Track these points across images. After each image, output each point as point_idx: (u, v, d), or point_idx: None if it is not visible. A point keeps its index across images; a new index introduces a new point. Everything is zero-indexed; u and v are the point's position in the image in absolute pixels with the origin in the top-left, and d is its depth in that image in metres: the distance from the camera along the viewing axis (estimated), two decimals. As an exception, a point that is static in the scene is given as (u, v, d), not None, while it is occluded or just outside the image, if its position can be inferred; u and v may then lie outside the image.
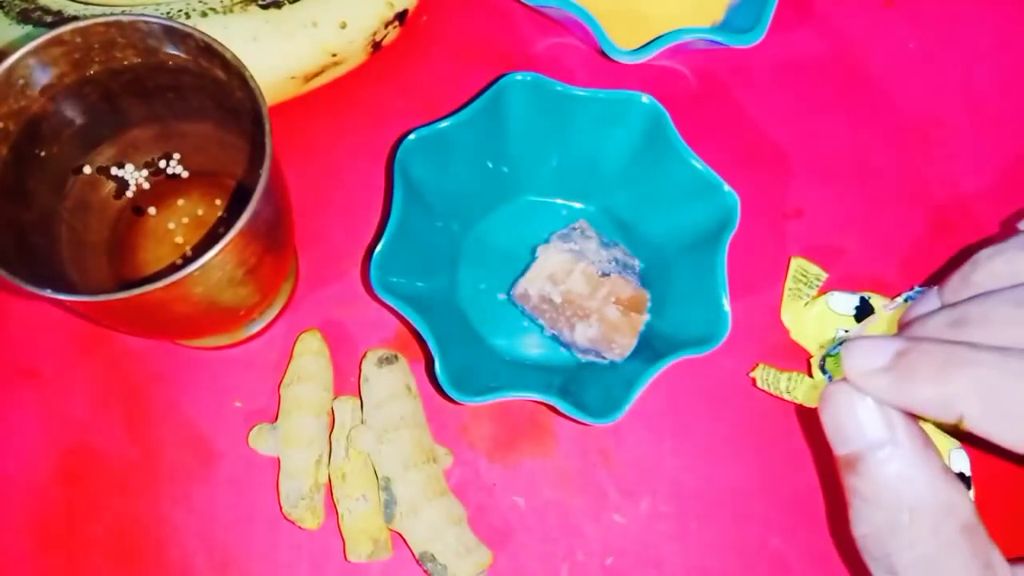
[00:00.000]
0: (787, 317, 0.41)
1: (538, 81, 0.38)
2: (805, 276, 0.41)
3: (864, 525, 0.23)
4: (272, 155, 0.29)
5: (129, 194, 0.38)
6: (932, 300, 0.27)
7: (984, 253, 0.26)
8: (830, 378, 0.39)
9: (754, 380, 0.40)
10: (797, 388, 0.39)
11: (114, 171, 0.37)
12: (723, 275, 0.36)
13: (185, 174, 0.38)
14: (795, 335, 0.41)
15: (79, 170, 0.36)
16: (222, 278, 0.30)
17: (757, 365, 0.40)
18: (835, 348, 0.39)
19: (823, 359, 0.39)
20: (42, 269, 0.33)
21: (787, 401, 0.40)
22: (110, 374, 0.40)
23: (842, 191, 0.44)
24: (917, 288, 0.39)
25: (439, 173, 0.39)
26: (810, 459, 0.40)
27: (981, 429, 0.22)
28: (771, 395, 0.40)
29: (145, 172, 0.38)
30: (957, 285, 0.26)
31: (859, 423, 0.23)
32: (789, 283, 0.41)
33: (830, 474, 0.40)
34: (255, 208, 0.29)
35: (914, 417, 0.24)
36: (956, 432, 0.39)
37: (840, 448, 0.23)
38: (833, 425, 0.23)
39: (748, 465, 0.40)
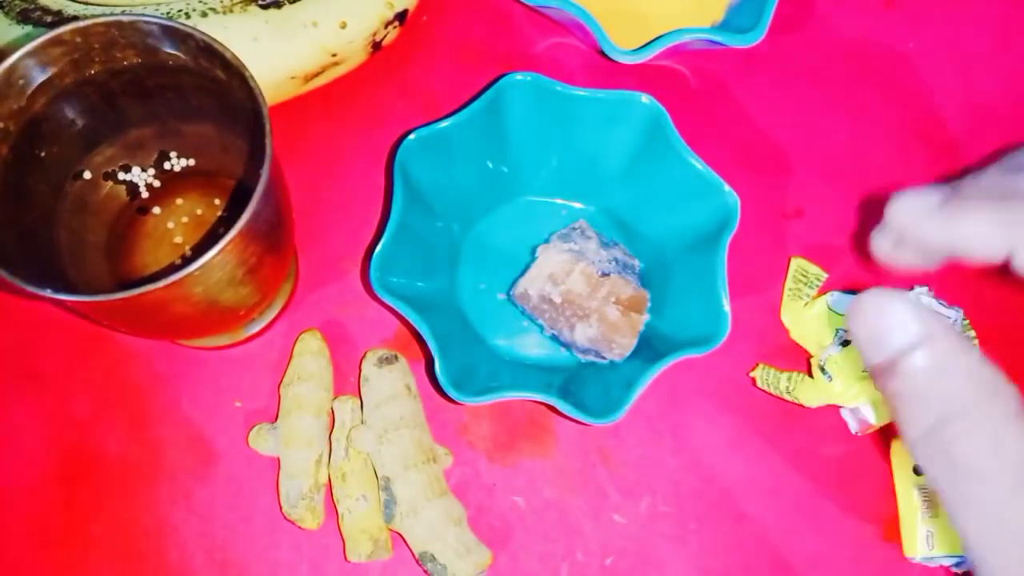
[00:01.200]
0: (787, 317, 0.41)
1: (538, 81, 0.38)
2: (805, 276, 0.41)
3: (914, 427, 0.22)
4: (272, 155, 0.29)
5: (144, 194, 0.38)
6: (938, 192, 0.26)
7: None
8: (830, 378, 0.39)
9: (754, 380, 0.40)
10: (797, 388, 0.39)
11: (122, 176, 0.37)
12: (723, 275, 0.36)
13: (191, 162, 0.37)
14: (795, 335, 0.41)
15: (79, 176, 0.36)
16: (222, 278, 0.30)
17: (757, 365, 0.40)
18: (835, 348, 0.39)
19: (823, 359, 0.39)
20: (42, 269, 0.33)
21: (787, 401, 0.40)
22: (111, 374, 0.40)
23: (842, 191, 0.44)
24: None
25: (439, 173, 0.39)
26: (810, 459, 0.40)
27: None
28: (771, 395, 0.40)
29: (152, 171, 0.38)
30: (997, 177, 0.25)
31: (894, 324, 0.22)
32: (789, 283, 0.41)
33: (829, 473, 0.40)
34: (255, 208, 0.29)
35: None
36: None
37: (875, 356, 0.23)
38: (866, 333, 0.22)
39: (748, 465, 0.40)
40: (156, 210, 0.38)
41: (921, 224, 0.23)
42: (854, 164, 0.44)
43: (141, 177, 0.38)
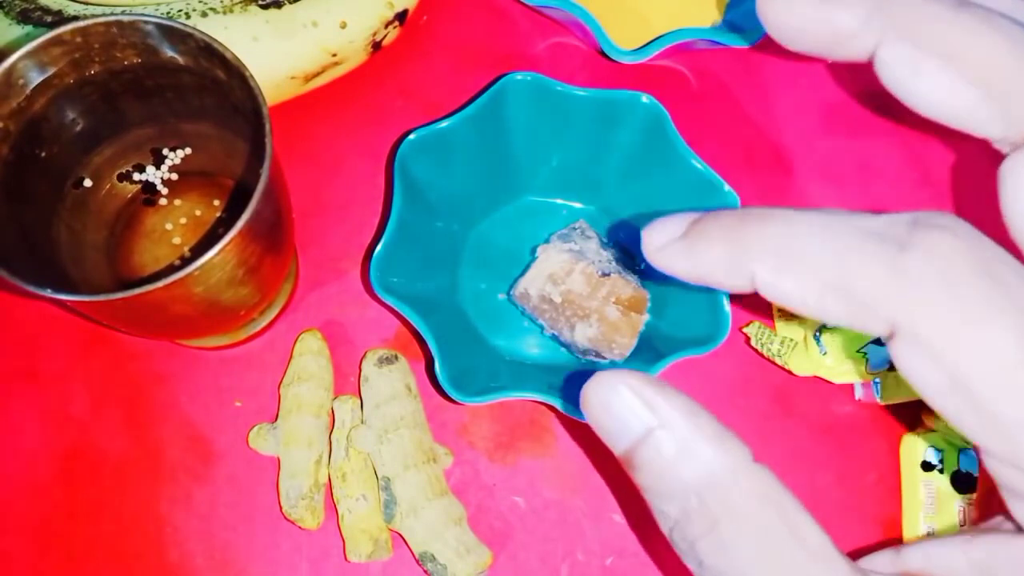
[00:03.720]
0: (793, 363, 0.40)
1: (538, 81, 0.38)
2: None
3: (665, 522, 0.21)
4: (272, 155, 0.29)
5: (164, 191, 0.38)
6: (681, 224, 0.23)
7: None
8: (824, 351, 0.39)
9: (747, 337, 0.40)
10: (788, 354, 0.39)
11: (136, 176, 0.37)
12: (723, 275, 0.36)
13: (189, 150, 0.37)
14: (802, 369, 0.40)
15: (79, 183, 0.36)
16: (222, 278, 0.30)
17: (751, 322, 0.40)
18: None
19: (819, 329, 0.39)
20: (42, 269, 0.33)
21: (776, 365, 0.39)
22: (110, 374, 0.40)
23: (842, 191, 0.44)
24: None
25: (439, 173, 0.39)
26: (810, 459, 0.40)
27: (773, 289, 0.20)
28: (762, 355, 0.40)
29: (166, 166, 0.38)
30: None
31: (620, 416, 0.20)
32: (777, 304, 0.41)
33: (829, 473, 0.40)
34: (255, 208, 0.29)
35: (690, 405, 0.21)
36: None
37: (616, 448, 0.21)
38: (599, 426, 0.21)
39: (748, 465, 0.39)
40: (162, 201, 0.38)
41: (665, 257, 0.22)
42: (854, 164, 0.44)
43: (156, 176, 0.38)
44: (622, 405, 0.20)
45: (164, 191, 0.38)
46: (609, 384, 0.20)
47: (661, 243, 0.22)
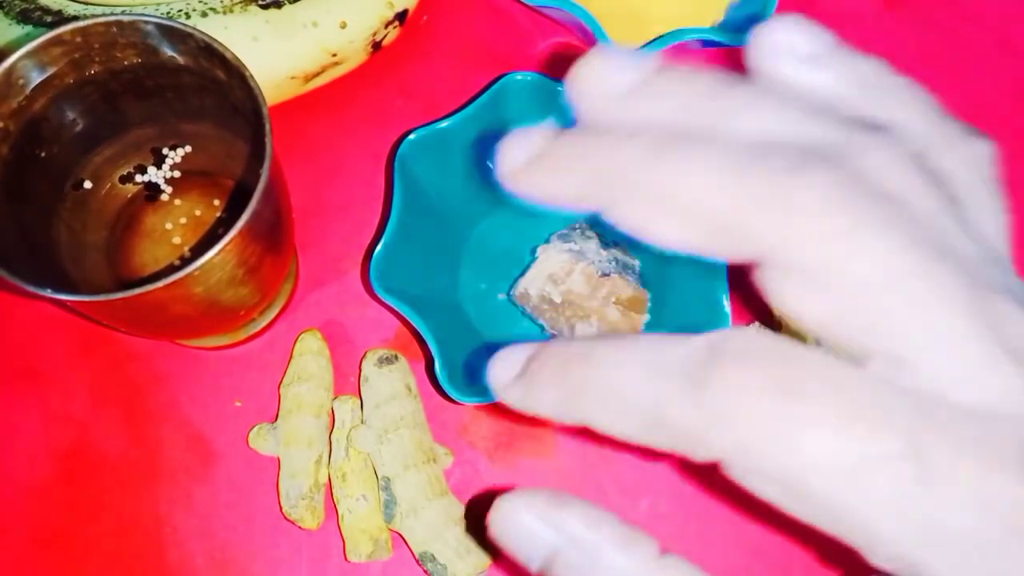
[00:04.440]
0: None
1: (538, 81, 0.38)
2: None
3: None
4: (272, 155, 0.29)
5: (168, 189, 0.38)
6: (637, 68, 0.21)
7: (724, 77, 0.21)
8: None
9: None
10: None
11: (139, 178, 0.37)
12: (723, 275, 0.36)
13: (189, 149, 0.37)
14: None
15: (79, 185, 0.36)
16: (222, 278, 0.30)
17: (751, 323, 0.40)
18: None
19: None
20: (42, 269, 0.33)
21: None
22: (110, 374, 0.40)
23: (842, 191, 0.44)
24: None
25: (439, 173, 0.39)
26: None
27: (603, 429, 0.20)
28: None
29: (167, 165, 0.38)
30: (672, 81, 0.21)
31: (528, 540, 0.20)
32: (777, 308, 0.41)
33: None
34: (255, 208, 0.29)
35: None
36: None
37: (530, 568, 0.21)
38: (511, 551, 0.21)
39: (748, 465, 0.39)
40: (164, 197, 0.38)
41: (507, 397, 0.22)
42: (854, 164, 0.44)
43: (159, 176, 0.38)
44: (527, 529, 0.20)
45: (169, 189, 0.38)
46: (511, 510, 0.20)
47: (502, 382, 0.22)
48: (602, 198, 0.20)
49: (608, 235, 0.41)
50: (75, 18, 0.40)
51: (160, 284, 0.27)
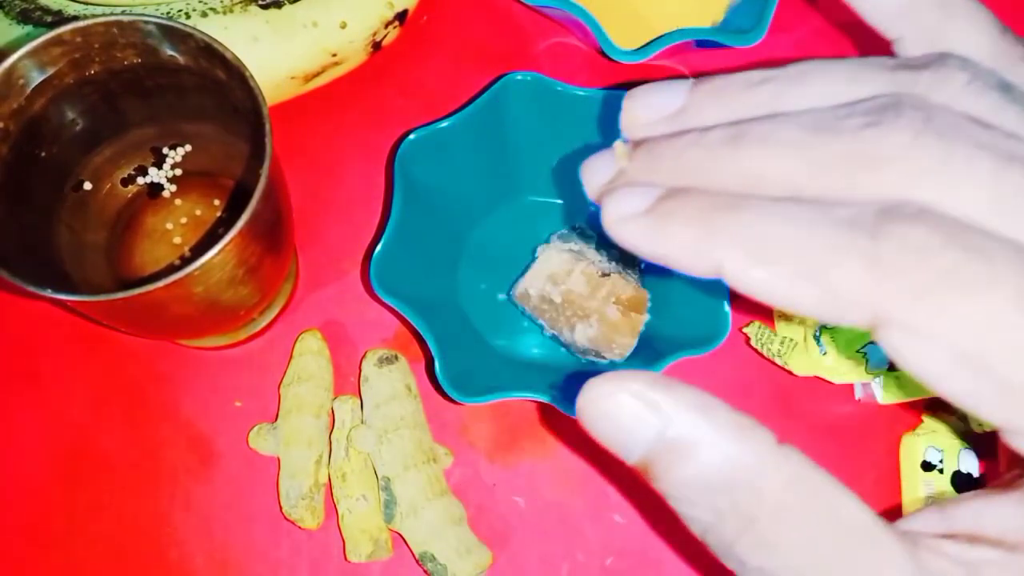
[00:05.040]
0: (793, 363, 0.40)
1: (538, 81, 0.38)
2: None
3: (696, 527, 0.20)
4: (272, 155, 0.29)
5: (172, 188, 0.38)
6: (675, 92, 0.22)
7: (752, 75, 0.22)
8: (824, 351, 0.39)
9: (747, 337, 0.40)
10: (788, 353, 0.39)
11: (140, 180, 0.37)
12: (723, 275, 0.36)
13: (189, 148, 0.38)
14: (803, 369, 0.40)
15: (79, 187, 0.36)
16: (222, 278, 0.30)
17: (751, 322, 0.40)
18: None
19: (819, 329, 0.39)
20: (42, 269, 0.33)
21: (777, 366, 0.40)
22: (110, 374, 0.40)
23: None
24: (689, 79, 0.39)
25: (439, 173, 0.39)
26: (811, 458, 0.40)
27: (740, 281, 0.18)
28: (762, 356, 0.40)
29: (168, 164, 0.38)
30: (713, 93, 0.22)
31: (626, 425, 0.19)
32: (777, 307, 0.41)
33: (831, 473, 0.39)
34: (255, 208, 0.29)
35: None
36: (966, 432, 0.39)
37: (628, 460, 0.20)
38: (603, 439, 0.20)
39: (748, 465, 0.39)
40: (166, 194, 0.38)
41: (626, 230, 0.20)
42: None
43: (161, 175, 0.38)
44: (625, 413, 0.19)
45: (172, 188, 0.38)
46: (607, 392, 0.19)
47: (622, 214, 0.20)
48: (707, 238, 0.19)
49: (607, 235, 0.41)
50: (75, 18, 0.40)
51: (160, 284, 0.27)
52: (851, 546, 0.18)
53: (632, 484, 0.39)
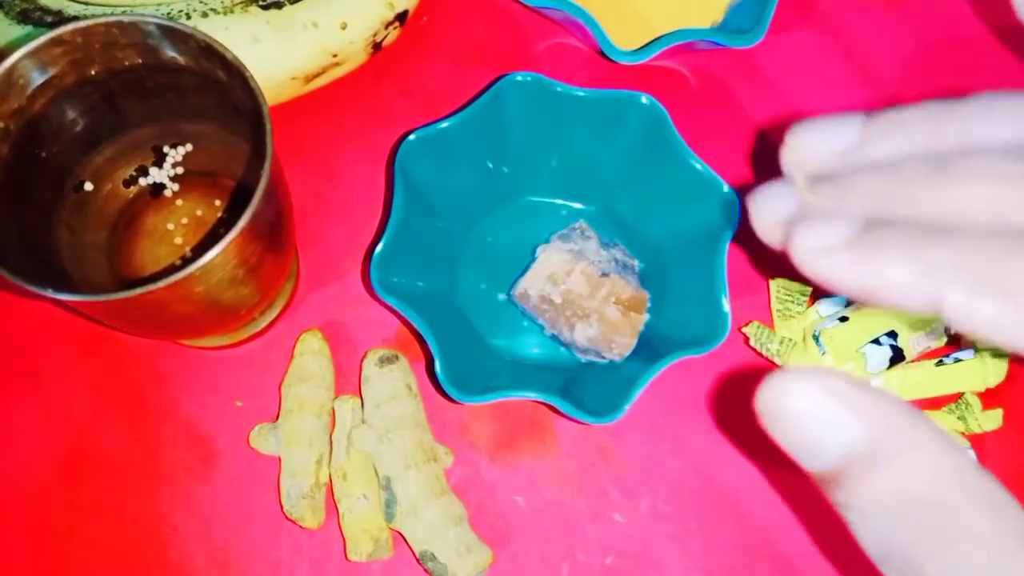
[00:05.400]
0: (786, 333, 0.41)
1: (538, 81, 0.38)
2: (789, 294, 0.41)
3: (874, 540, 0.19)
4: (273, 155, 0.29)
5: (175, 187, 0.38)
6: (850, 125, 0.22)
7: (932, 108, 0.20)
8: (823, 351, 0.39)
9: (746, 337, 0.40)
10: (787, 353, 0.39)
11: (142, 181, 0.37)
12: (723, 275, 0.36)
13: (190, 147, 0.38)
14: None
15: (80, 187, 0.36)
16: (223, 278, 0.30)
17: (750, 322, 0.40)
18: (832, 322, 0.39)
19: (818, 329, 0.39)
20: (42, 269, 0.33)
21: (777, 366, 0.40)
22: (110, 374, 0.40)
23: (842, 191, 0.44)
24: (859, 113, 0.39)
25: (439, 173, 0.39)
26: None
27: (964, 316, 0.17)
28: (761, 355, 0.40)
29: (168, 163, 0.38)
30: (893, 125, 0.21)
31: (822, 429, 0.18)
32: (775, 304, 0.41)
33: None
34: (256, 208, 0.29)
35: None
36: (966, 433, 0.39)
37: (812, 466, 0.18)
38: (790, 440, 0.18)
39: (748, 465, 0.40)
40: (168, 193, 0.38)
41: (824, 266, 0.19)
42: (854, 164, 0.44)
43: (162, 175, 0.38)
44: (822, 413, 0.18)
45: (175, 187, 0.38)
46: (800, 387, 0.18)
47: (818, 247, 0.19)
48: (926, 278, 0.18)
49: (607, 235, 0.41)
50: (75, 18, 0.40)
51: (161, 284, 0.27)
52: None
53: (632, 484, 0.39)
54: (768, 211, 0.21)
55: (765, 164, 0.44)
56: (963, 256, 0.17)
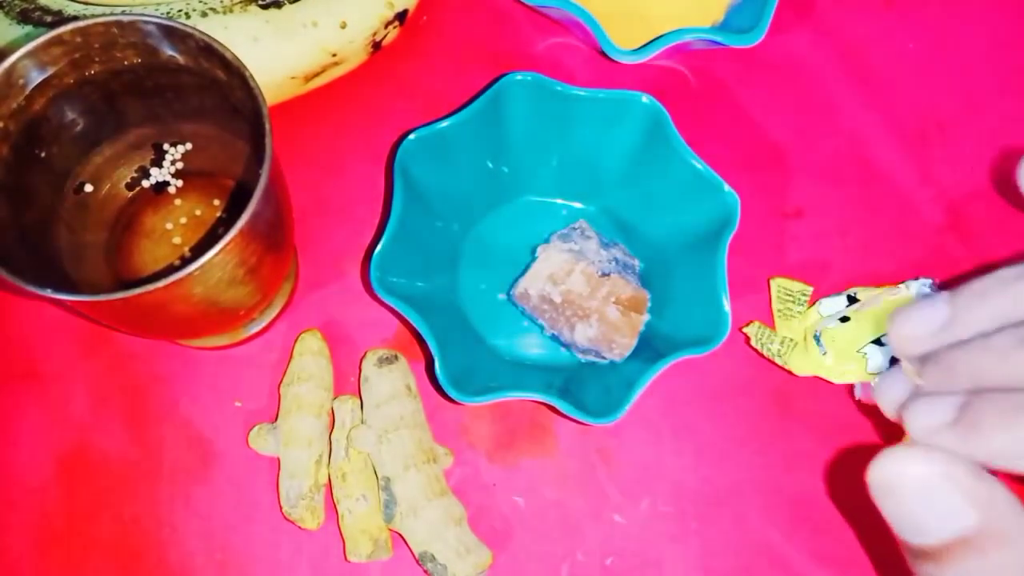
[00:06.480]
0: (794, 363, 0.40)
1: (538, 81, 0.38)
2: (790, 294, 0.41)
3: None
4: (272, 155, 0.29)
5: (178, 184, 0.38)
6: (939, 307, 0.25)
7: (1006, 273, 0.24)
8: (824, 351, 0.39)
9: (746, 337, 0.40)
10: (788, 353, 0.39)
11: (144, 183, 0.37)
12: (723, 275, 0.36)
13: (189, 146, 0.38)
14: (804, 370, 0.40)
15: (80, 188, 0.36)
16: (222, 278, 0.30)
17: (751, 322, 0.40)
18: (833, 322, 0.39)
19: (819, 329, 0.39)
20: (42, 269, 0.33)
21: (777, 365, 0.40)
22: (110, 374, 0.40)
23: (842, 191, 0.44)
24: (923, 279, 0.39)
25: (439, 173, 0.39)
26: (811, 459, 0.40)
27: None
28: (762, 356, 0.40)
29: (168, 161, 0.38)
30: (975, 299, 0.24)
31: (939, 511, 0.19)
32: (776, 304, 0.41)
33: (830, 473, 0.40)
34: (255, 208, 0.29)
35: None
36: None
37: (915, 539, 0.20)
38: (901, 514, 0.20)
39: (748, 465, 0.40)
40: (171, 189, 0.38)
41: (937, 441, 0.21)
42: (854, 164, 0.44)
43: (163, 174, 0.38)
44: (940, 497, 0.19)
45: (179, 183, 0.38)
46: (922, 473, 0.19)
47: (930, 427, 0.21)
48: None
49: (608, 235, 0.41)
50: (75, 18, 0.40)
51: (160, 284, 0.27)
52: None
53: (632, 484, 0.39)
54: (889, 397, 0.24)
55: (765, 164, 0.44)
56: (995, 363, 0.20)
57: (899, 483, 0.19)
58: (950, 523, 0.19)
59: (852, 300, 0.40)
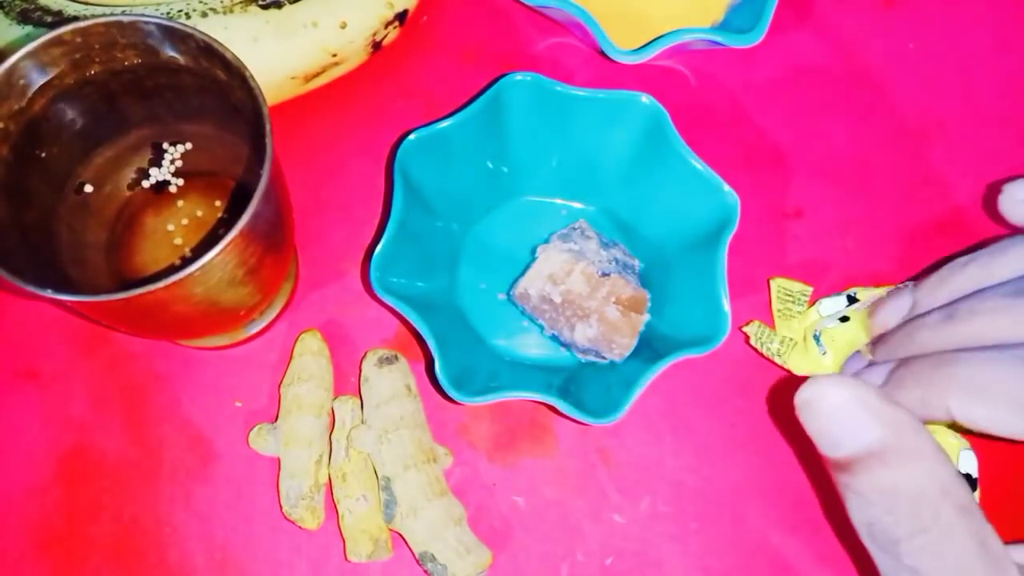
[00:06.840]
0: (792, 362, 0.40)
1: (538, 81, 0.38)
2: (789, 294, 0.41)
3: (863, 515, 0.23)
4: (272, 155, 0.29)
5: (179, 182, 0.38)
6: (905, 297, 0.31)
7: (960, 260, 0.28)
8: (823, 351, 0.39)
9: (746, 336, 0.40)
10: (788, 352, 0.39)
11: (145, 183, 0.37)
12: (723, 275, 0.36)
13: (189, 145, 0.38)
14: (803, 369, 0.40)
15: (80, 189, 0.36)
16: (222, 278, 0.30)
17: (751, 321, 0.40)
18: (832, 322, 0.39)
19: (819, 329, 0.39)
20: (42, 269, 0.33)
21: (777, 365, 0.40)
22: (110, 374, 0.40)
23: (842, 191, 0.44)
24: (909, 283, 0.39)
25: (439, 173, 0.39)
26: (810, 459, 0.40)
27: (967, 420, 0.24)
28: (761, 355, 0.40)
29: (168, 160, 0.38)
30: (934, 285, 0.29)
31: (847, 427, 0.22)
32: (776, 304, 0.41)
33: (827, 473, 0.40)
34: (255, 208, 0.29)
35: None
36: (966, 433, 0.39)
37: (830, 452, 0.23)
38: (819, 430, 0.23)
39: (748, 465, 0.40)
40: (172, 189, 0.38)
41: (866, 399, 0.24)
42: (854, 164, 0.45)
43: (164, 173, 0.38)
44: (851, 415, 0.22)
45: (179, 182, 0.38)
46: (837, 392, 0.22)
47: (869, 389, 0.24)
48: None
49: (608, 235, 0.41)
50: (75, 18, 0.40)
51: (160, 285, 0.27)
52: (990, 572, 0.22)
53: (632, 484, 0.39)
54: (848, 372, 0.31)
55: (765, 164, 0.44)
56: (959, 375, 0.25)
57: (818, 403, 0.22)
58: (859, 437, 0.22)
59: (852, 300, 0.40)
